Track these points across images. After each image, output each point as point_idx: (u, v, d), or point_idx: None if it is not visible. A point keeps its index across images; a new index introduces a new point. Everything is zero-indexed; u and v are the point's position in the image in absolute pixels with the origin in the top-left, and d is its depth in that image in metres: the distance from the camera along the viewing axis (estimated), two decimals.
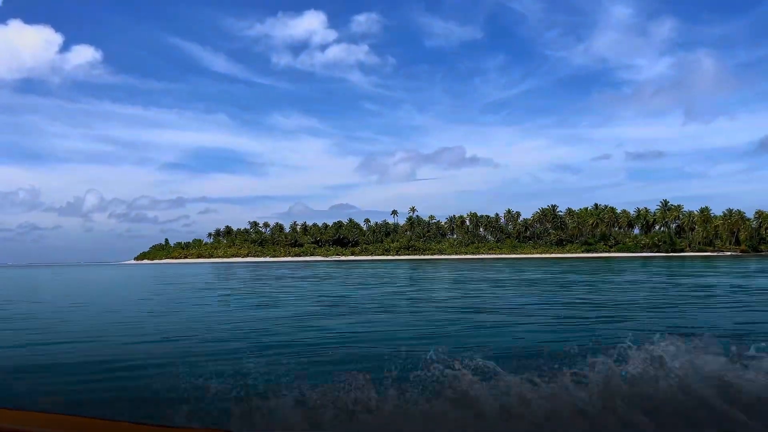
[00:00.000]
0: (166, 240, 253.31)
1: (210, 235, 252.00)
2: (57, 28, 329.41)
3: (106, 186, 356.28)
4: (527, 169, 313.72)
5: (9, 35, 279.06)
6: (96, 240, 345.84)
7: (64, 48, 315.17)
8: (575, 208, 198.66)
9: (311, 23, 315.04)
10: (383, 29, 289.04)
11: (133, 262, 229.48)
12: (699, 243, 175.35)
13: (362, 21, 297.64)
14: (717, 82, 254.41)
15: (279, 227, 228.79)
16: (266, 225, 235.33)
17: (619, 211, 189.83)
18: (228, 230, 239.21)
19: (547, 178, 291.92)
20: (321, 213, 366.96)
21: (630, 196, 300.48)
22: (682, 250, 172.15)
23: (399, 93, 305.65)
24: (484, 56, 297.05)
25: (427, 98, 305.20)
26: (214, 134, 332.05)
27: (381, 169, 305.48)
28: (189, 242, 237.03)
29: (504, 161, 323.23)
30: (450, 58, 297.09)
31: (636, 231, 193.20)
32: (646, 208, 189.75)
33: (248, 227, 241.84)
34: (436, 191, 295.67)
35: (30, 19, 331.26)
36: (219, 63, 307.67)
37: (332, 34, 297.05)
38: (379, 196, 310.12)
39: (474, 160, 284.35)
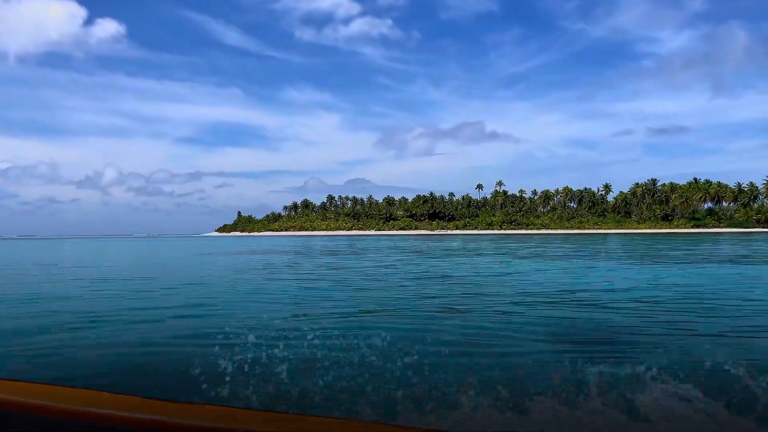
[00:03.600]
0: (239, 213, 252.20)
1: (286, 208, 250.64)
2: (81, 2, 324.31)
3: (123, 159, 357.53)
4: (544, 144, 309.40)
5: (34, 8, 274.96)
6: (112, 213, 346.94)
7: (88, 22, 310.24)
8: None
9: None
10: (409, 2, 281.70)
11: (215, 234, 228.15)
12: None
13: None
14: (746, 55, 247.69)
15: (358, 200, 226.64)
16: (345, 198, 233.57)
17: (728, 185, 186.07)
18: (305, 203, 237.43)
19: (563, 153, 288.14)
20: (337, 188, 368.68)
21: (647, 172, 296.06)
22: None
23: (412, 67, 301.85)
24: (500, 29, 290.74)
25: (442, 72, 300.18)
26: (228, 108, 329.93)
27: (400, 144, 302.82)
28: (269, 215, 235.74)
29: (522, 136, 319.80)
30: (465, 32, 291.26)
31: (716, 205, 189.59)
32: (751, 182, 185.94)
33: (325, 200, 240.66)
34: (452, 166, 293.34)
35: None
36: (233, 36, 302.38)
37: (356, 8, 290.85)
38: (395, 170, 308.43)
39: (494, 135, 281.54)
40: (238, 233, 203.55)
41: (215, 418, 1.00)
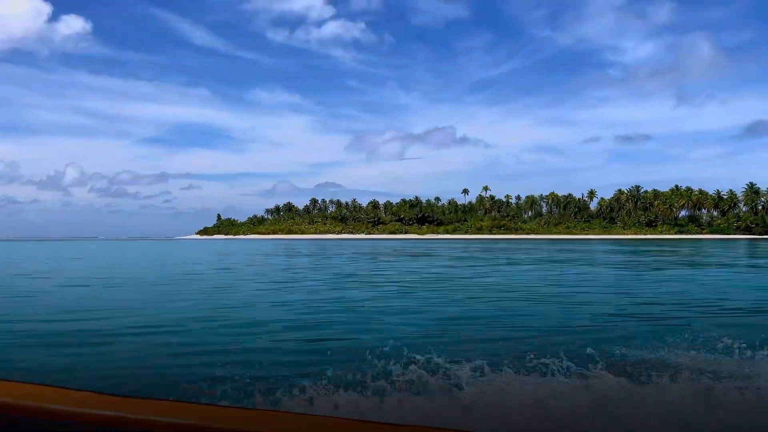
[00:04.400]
0: (219, 216, 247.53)
1: (269, 211, 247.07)
2: None
3: (86, 159, 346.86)
4: (513, 149, 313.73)
5: None
6: (75, 215, 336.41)
7: (53, 18, 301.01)
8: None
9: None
10: (383, 5, 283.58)
11: (197, 237, 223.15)
12: None
13: None
14: (709, 66, 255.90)
15: (343, 204, 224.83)
16: (331, 202, 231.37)
17: (707, 192, 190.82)
18: (288, 206, 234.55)
19: (530, 159, 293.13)
20: (307, 191, 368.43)
21: (613, 178, 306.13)
22: None
23: (383, 70, 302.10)
24: (470, 34, 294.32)
25: (412, 76, 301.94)
26: (194, 108, 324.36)
27: (370, 147, 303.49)
28: (251, 217, 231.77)
29: (491, 141, 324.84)
30: (435, 36, 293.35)
31: (695, 212, 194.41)
32: (730, 189, 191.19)
33: (308, 204, 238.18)
34: (423, 171, 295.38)
35: None
36: (200, 36, 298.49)
37: (330, 11, 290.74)
38: (366, 174, 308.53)
39: (464, 140, 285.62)
40: (222, 236, 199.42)
41: (206, 417, 1.00)
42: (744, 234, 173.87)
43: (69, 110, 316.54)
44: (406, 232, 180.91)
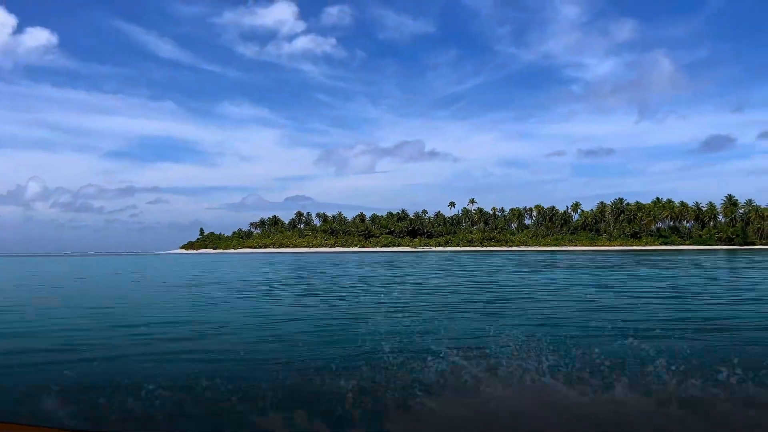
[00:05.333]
0: (201, 230, 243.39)
1: (253, 225, 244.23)
2: (10, 10, 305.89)
3: (49, 174, 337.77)
4: (480, 163, 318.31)
5: None
6: (37, 230, 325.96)
7: (18, 30, 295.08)
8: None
9: (282, 13, 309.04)
10: (353, 21, 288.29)
11: (180, 251, 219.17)
12: None
13: (333, 13, 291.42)
14: (669, 82, 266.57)
15: (328, 217, 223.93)
16: (317, 215, 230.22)
17: (689, 204, 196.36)
18: (274, 220, 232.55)
19: (498, 172, 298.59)
20: (276, 204, 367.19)
21: (578, 191, 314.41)
22: (752, 243, 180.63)
23: (352, 85, 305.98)
24: (437, 50, 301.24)
25: (380, 91, 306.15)
26: (161, 122, 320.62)
27: (340, 161, 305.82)
28: (237, 232, 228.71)
29: (460, 155, 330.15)
30: (404, 52, 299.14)
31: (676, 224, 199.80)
32: (710, 202, 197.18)
33: (293, 217, 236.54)
34: (394, 184, 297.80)
35: None
36: (167, 49, 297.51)
37: (301, 25, 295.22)
38: (336, 187, 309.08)
39: (433, 154, 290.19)
40: (210, 250, 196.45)
41: None
42: (725, 245, 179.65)
43: (32, 123, 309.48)
44: (398, 245, 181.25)
